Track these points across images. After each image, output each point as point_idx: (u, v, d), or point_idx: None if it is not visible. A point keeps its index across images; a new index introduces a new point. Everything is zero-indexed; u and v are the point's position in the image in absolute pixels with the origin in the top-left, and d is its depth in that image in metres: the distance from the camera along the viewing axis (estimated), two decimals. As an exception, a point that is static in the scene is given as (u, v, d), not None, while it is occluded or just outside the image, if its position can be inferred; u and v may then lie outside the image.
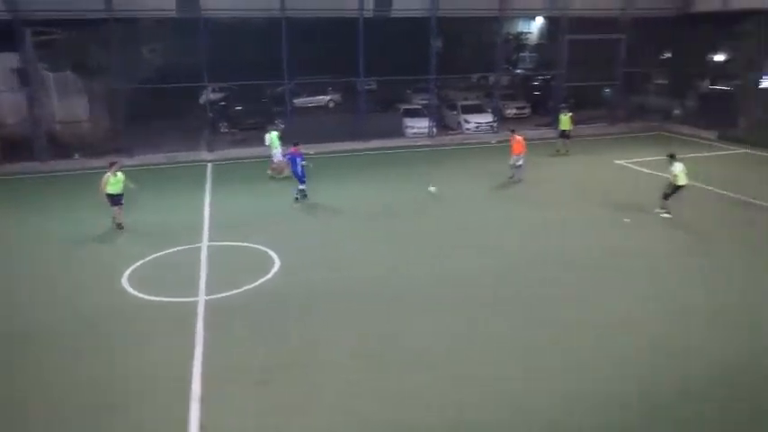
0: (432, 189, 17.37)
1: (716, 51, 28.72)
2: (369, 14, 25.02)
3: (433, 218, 15.96)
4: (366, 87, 27.73)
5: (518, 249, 13.50)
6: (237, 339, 9.73)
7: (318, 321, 10.28)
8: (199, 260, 13.09)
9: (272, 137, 20.32)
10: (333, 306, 10.85)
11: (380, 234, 14.76)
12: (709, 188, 17.91)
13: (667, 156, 15.52)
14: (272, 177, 20.16)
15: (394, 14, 25.93)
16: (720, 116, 27.60)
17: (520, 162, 19.22)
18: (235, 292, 11.40)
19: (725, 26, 26.95)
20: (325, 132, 25.46)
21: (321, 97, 34.92)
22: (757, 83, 26.21)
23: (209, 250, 13.68)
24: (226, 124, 27.98)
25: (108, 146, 23.04)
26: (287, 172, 19.76)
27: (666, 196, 15.39)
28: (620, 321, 10.10)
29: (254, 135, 26.17)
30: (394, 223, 15.53)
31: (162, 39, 34.23)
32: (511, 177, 19.36)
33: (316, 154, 23.46)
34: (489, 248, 13.59)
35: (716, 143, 25.40)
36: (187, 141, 24.97)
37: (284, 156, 19.13)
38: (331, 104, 34.93)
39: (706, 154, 23.03)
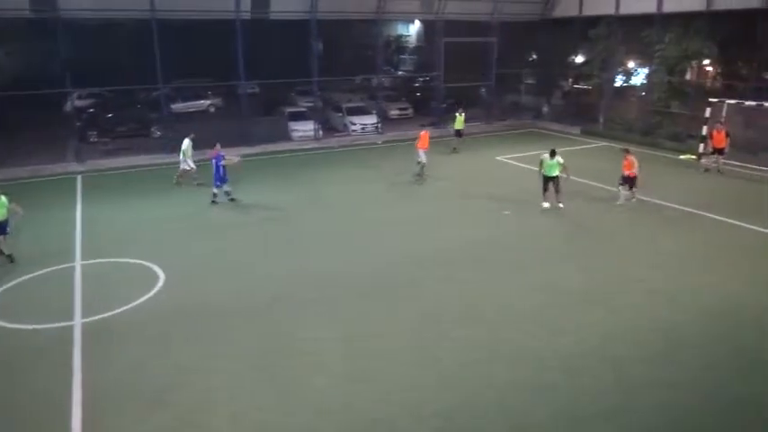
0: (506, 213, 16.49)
1: (576, 53, 31.31)
2: (246, 16, 24.43)
3: (326, 220, 15.90)
4: (248, 91, 27.07)
5: (409, 246, 13.82)
6: (121, 363, 9.07)
7: (209, 335, 9.86)
8: (72, 281, 12.05)
9: (188, 144, 19.42)
10: (223, 318, 10.45)
11: (274, 239, 14.47)
12: (579, 180, 19.47)
13: (550, 152, 16.38)
14: (177, 184, 19.44)
15: (273, 17, 25.53)
16: (583, 113, 30.22)
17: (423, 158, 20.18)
18: (115, 312, 10.62)
19: (582, 30, 29.47)
20: (208, 138, 24.41)
21: (201, 102, 33.69)
22: (612, 82, 28.94)
23: (83, 269, 12.64)
24: (96, 133, 25.98)
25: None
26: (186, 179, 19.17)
27: (544, 188, 16.48)
28: (513, 312, 10.68)
29: (130, 143, 24.78)
30: (287, 228, 15.29)
31: (19, 41, 31.15)
32: (419, 175, 20.04)
33: (199, 161, 22.62)
34: (383, 247, 13.82)
35: (580, 138, 27.67)
36: (53, 153, 22.91)
37: (210, 159, 18.02)
38: (212, 109, 33.78)
39: (572, 148, 24.98)
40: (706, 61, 26.06)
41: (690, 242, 14.02)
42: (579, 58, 31.32)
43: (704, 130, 21.95)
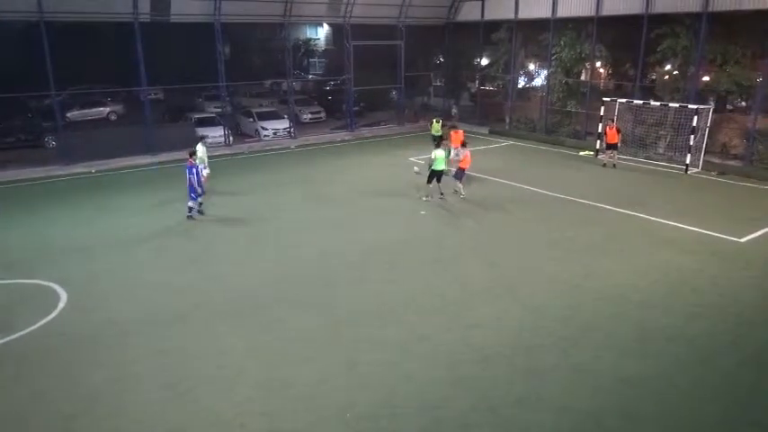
0: (416, 169, 17.83)
1: (480, 56, 32.48)
2: (146, 19, 23.36)
3: (237, 228, 15.48)
4: (152, 97, 25.93)
5: (324, 250, 13.75)
6: (17, 393, 8.35)
7: (114, 356, 9.29)
8: (-45, 307, 10.99)
9: (204, 150, 18.61)
10: (129, 337, 9.88)
11: (186, 251, 13.86)
12: (488, 177, 20.31)
13: (435, 144, 17.45)
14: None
15: (174, 19, 24.56)
16: (490, 113, 31.43)
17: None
18: (7, 339, 9.76)
19: (485, 34, 30.64)
20: (110, 147, 23.27)
21: (100, 109, 32.03)
22: (515, 83, 30.26)
23: (-32, 294, 11.56)
24: (-21, 144, 24.01)
25: None
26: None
27: (428, 181, 17.36)
28: (427, 310, 10.87)
29: (21, 155, 23.09)
30: (199, 239, 14.73)
31: None
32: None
33: (98, 172, 21.52)
34: (298, 252, 13.65)
35: (488, 137, 28.72)
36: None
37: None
38: (112, 117, 32.17)
39: (481, 147, 25.88)
40: (598, 63, 27.85)
41: (585, 232, 14.88)
42: (484, 61, 32.53)
43: (600, 127, 23.50)
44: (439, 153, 17.16)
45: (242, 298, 11.34)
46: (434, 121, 25.94)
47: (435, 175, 17.26)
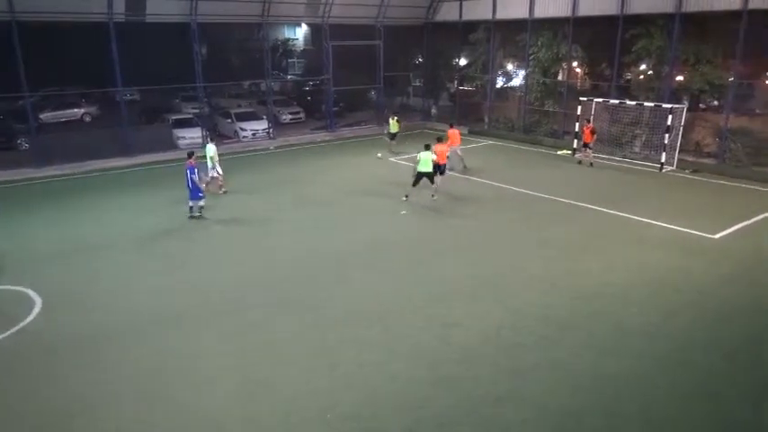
0: (379, 155, 19.53)
1: (459, 56, 32.61)
2: (120, 19, 23.00)
3: (220, 230, 15.36)
4: (127, 98, 25.53)
5: (304, 250, 13.70)
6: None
7: (92, 361, 9.15)
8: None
9: (214, 149, 18.55)
10: (108, 344, 9.71)
11: (158, 258, 13.70)
12: (465, 176, 20.41)
13: (424, 146, 17.39)
14: (225, 192, 18.70)
15: (150, 19, 24.22)
16: (469, 113, 31.56)
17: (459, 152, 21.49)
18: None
19: (463, 34, 30.78)
20: (84, 149, 22.86)
21: (74, 110, 31.42)
22: (494, 83, 30.43)
23: (-61, 301, 11.27)
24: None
25: None
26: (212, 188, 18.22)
27: (414, 183, 17.31)
28: (408, 310, 10.88)
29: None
30: (188, 240, 14.58)
31: None
32: (465, 167, 21.40)
33: (73, 174, 21.14)
34: (278, 254, 13.58)
35: (468, 137, 28.81)
36: None
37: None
38: (87, 118, 31.62)
39: (462, 147, 25.95)
40: (575, 63, 28.16)
41: (563, 231, 15.04)
42: (463, 61, 32.67)
43: (577, 127, 23.77)
44: (424, 155, 16.99)
45: (227, 300, 11.24)
46: (390, 118, 25.79)
47: (422, 177, 17.08)
